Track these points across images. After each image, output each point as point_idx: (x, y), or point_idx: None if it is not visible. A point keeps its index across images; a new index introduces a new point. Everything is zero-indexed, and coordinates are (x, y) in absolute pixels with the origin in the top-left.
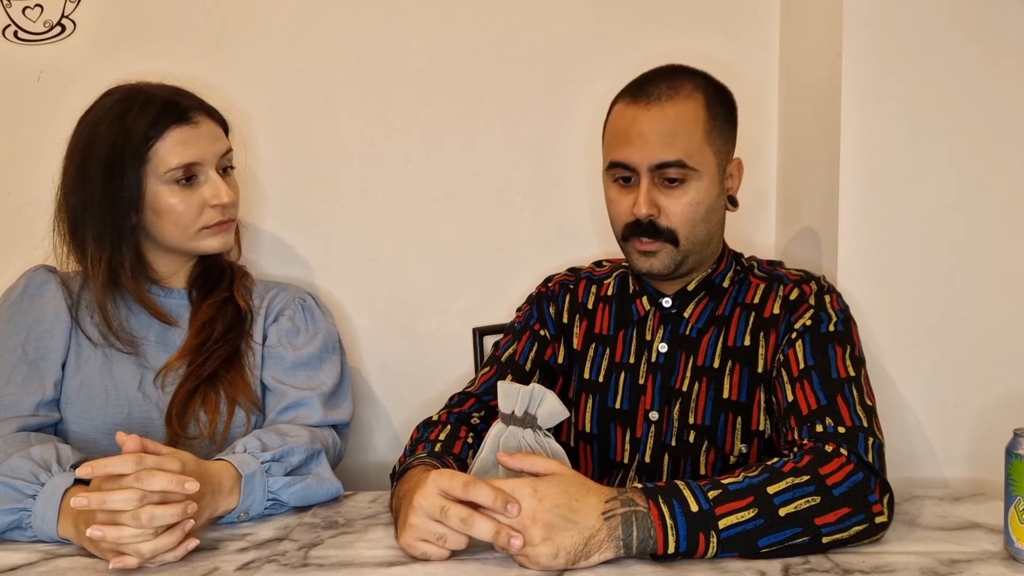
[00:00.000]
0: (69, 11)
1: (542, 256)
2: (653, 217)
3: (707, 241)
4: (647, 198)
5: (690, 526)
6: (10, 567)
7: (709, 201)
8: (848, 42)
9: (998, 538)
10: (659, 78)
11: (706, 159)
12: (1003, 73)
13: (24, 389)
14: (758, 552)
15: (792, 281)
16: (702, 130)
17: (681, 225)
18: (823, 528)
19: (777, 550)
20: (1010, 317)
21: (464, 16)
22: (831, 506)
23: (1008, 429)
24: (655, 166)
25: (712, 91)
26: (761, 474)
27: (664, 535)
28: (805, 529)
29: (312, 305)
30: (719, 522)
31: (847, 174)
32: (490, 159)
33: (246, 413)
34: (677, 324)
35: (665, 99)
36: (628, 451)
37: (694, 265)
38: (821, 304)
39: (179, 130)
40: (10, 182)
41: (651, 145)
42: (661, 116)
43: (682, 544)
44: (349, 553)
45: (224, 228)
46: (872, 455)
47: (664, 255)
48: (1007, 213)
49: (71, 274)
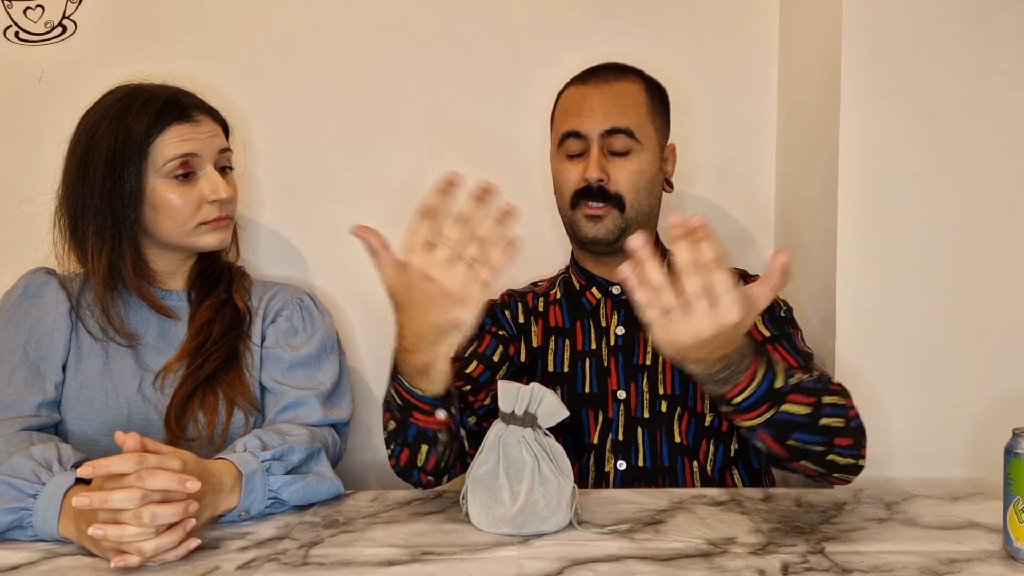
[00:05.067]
0: (70, 12)
1: (543, 257)
2: (603, 182)
3: (648, 214)
4: (597, 163)
5: (765, 395)
6: (11, 566)
7: (651, 173)
8: (848, 42)
9: (997, 537)
10: (604, 68)
11: (649, 134)
12: (1002, 74)
13: (26, 390)
14: (784, 441)
15: (736, 274)
16: (646, 108)
17: (627, 190)
18: (836, 447)
19: (796, 447)
20: (1010, 317)
21: (464, 16)
22: (847, 433)
23: (1007, 429)
24: (606, 131)
25: (650, 82)
26: (818, 382)
27: (744, 388)
28: (826, 441)
29: (310, 305)
30: (783, 404)
31: (846, 174)
32: (491, 159)
33: (244, 414)
34: (629, 308)
35: (612, 79)
36: (599, 431)
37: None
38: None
39: (179, 127)
40: (11, 182)
41: (602, 114)
42: (611, 91)
43: (745, 403)
44: (349, 552)
45: (221, 224)
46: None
47: (610, 220)
48: (1007, 213)
49: (71, 275)
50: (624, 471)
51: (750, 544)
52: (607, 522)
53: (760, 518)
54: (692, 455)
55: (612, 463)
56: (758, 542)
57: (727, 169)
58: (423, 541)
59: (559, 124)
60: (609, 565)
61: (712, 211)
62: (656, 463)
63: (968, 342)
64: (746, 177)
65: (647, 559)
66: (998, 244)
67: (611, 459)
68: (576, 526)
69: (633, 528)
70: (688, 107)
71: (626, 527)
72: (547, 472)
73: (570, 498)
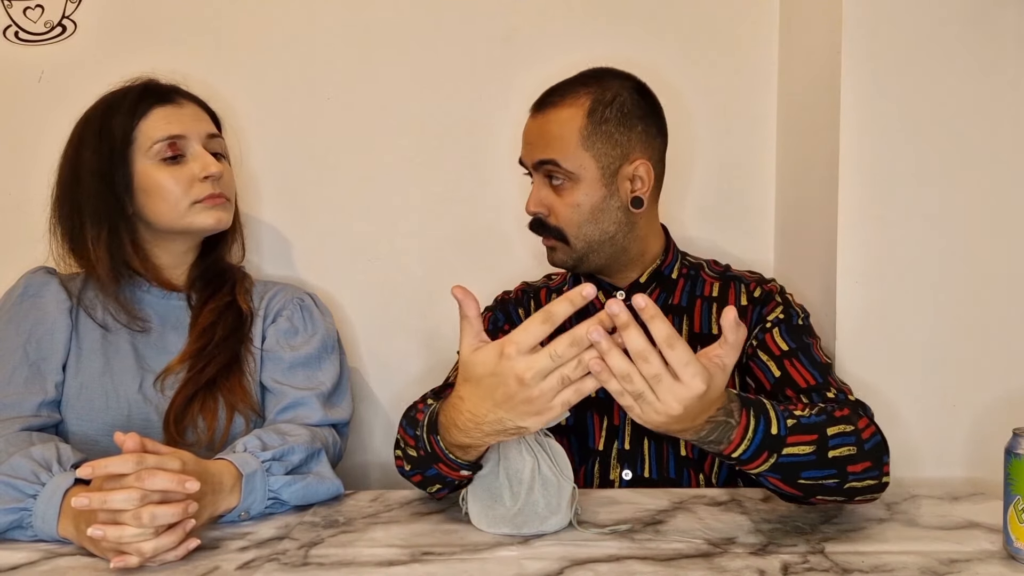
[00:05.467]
0: (70, 12)
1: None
2: (542, 215)
3: (603, 241)
4: (535, 196)
5: (762, 444)
6: (10, 566)
7: (592, 203)
8: (848, 42)
9: (997, 538)
10: (561, 86)
11: (583, 163)
12: (1002, 74)
13: (26, 390)
14: (795, 481)
15: (753, 280)
16: (577, 137)
17: (567, 225)
18: (851, 475)
19: (808, 485)
20: (1009, 317)
21: (464, 17)
22: (861, 458)
23: (1007, 429)
24: (535, 163)
25: (602, 100)
26: (820, 415)
27: (739, 443)
28: (839, 473)
29: (310, 305)
30: (784, 450)
31: (846, 174)
32: (492, 159)
33: (245, 419)
34: (634, 315)
35: (549, 107)
36: (605, 437)
37: (607, 259)
38: (788, 302)
39: (162, 109)
40: (10, 182)
41: (532, 147)
42: (543, 120)
43: (745, 455)
44: (349, 552)
45: (217, 202)
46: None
47: (561, 252)
48: (1007, 213)
49: (71, 275)
50: (630, 481)
51: (750, 544)
52: (607, 522)
53: (760, 518)
54: (697, 468)
55: (618, 472)
56: (758, 542)
57: (727, 169)
58: (423, 541)
59: None
60: (609, 565)
61: (712, 211)
62: (662, 474)
63: (968, 342)
64: (746, 177)
65: (647, 559)
66: (998, 244)
67: (617, 468)
68: (576, 526)
69: (633, 528)
70: (688, 107)
71: (626, 527)
72: (547, 472)
73: (570, 498)
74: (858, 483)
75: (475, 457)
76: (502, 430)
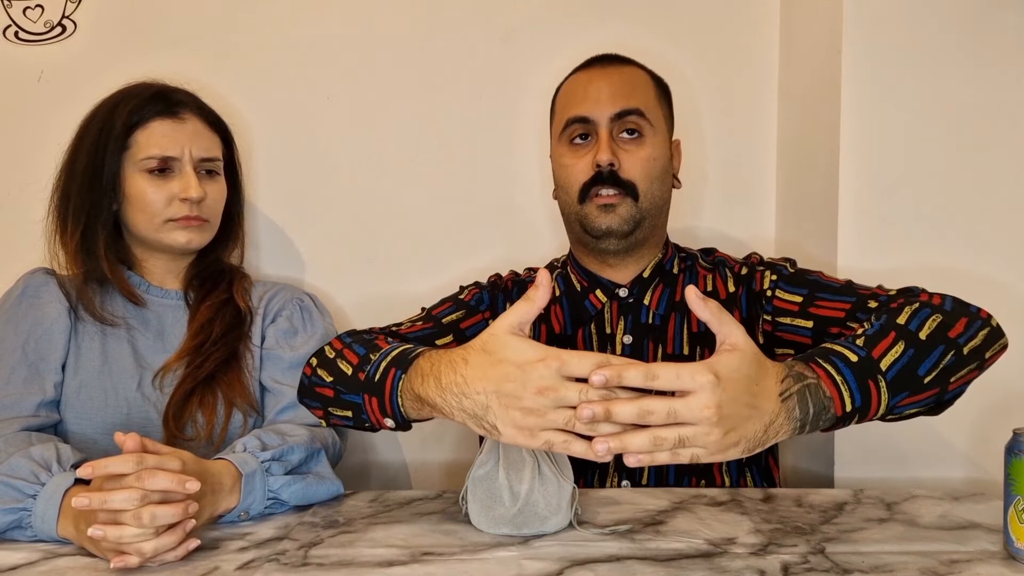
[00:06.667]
0: (70, 11)
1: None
2: (614, 167)
3: (660, 207)
4: (608, 146)
5: (858, 377)
6: (10, 567)
7: (663, 162)
8: (848, 42)
9: (998, 538)
10: (607, 56)
11: (659, 118)
12: (1002, 73)
13: (25, 390)
14: (922, 384)
15: (737, 262)
16: (654, 92)
17: (640, 178)
18: (959, 339)
19: (936, 376)
20: (1009, 317)
21: (464, 16)
22: (952, 319)
23: (1008, 429)
24: (616, 115)
25: (653, 75)
26: (879, 318)
27: (840, 395)
28: (947, 345)
29: (310, 305)
30: (880, 363)
31: (847, 174)
32: (492, 160)
33: (243, 415)
34: (637, 313)
35: (618, 64)
36: None
37: (647, 234)
38: (770, 263)
39: (162, 122)
40: (10, 182)
41: (611, 96)
42: (618, 74)
43: (857, 398)
44: (349, 552)
45: (191, 224)
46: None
47: (623, 209)
48: (1006, 213)
49: (70, 276)
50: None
51: (750, 544)
52: (607, 522)
53: (760, 518)
54: (700, 475)
55: (615, 482)
56: (758, 542)
57: (727, 169)
58: (423, 541)
59: (562, 112)
60: (609, 565)
61: (712, 211)
62: (661, 484)
63: None
64: (746, 177)
65: (647, 559)
66: (998, 244)
67: (615, 477)
68: (576, 526)
69: (633, 528)
70: (688, 107)
71: (626, 527)
72: (547, 472)
73: (570, 498)
74: (974, 340)
75: (418, 416)
76: (476, 417)
